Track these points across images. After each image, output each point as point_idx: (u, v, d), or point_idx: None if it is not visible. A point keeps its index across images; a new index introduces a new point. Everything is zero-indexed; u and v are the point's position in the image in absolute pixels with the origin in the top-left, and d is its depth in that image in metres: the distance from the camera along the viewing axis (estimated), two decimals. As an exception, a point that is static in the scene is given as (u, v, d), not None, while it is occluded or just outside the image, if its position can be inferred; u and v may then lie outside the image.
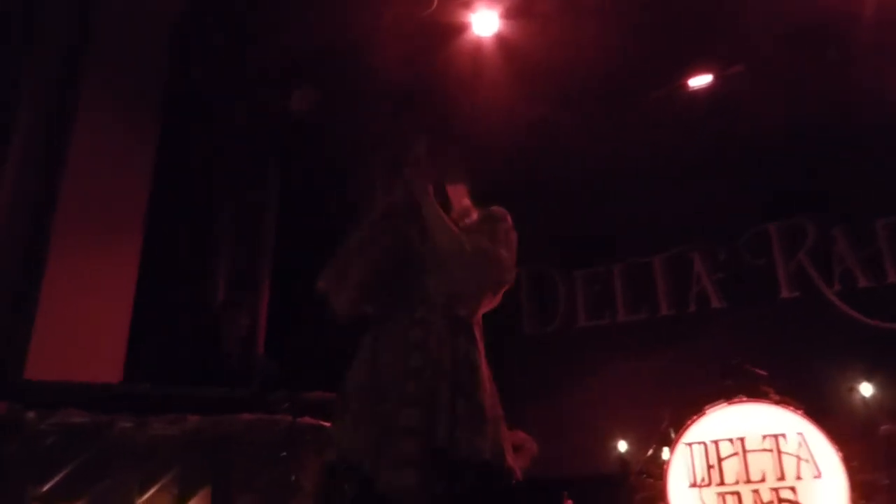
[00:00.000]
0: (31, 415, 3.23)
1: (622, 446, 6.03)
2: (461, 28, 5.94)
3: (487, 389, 2.06)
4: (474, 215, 2.32)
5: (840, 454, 4.16)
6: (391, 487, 1.89)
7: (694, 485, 4.40)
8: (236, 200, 6.14)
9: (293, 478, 3.23)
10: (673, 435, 4.69)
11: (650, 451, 5.12)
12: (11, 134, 4.83)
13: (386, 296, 2.19)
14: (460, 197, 2.35)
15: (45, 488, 3.25)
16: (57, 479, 3.27)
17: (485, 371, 2.10)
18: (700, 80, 6.22)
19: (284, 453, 3.25)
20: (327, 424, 3.50)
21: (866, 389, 5.33)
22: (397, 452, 1.92)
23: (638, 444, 5.76)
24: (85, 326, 4.78)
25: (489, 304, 2.20)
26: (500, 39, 5.97)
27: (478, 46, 6.00)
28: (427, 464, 1.92)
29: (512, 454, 2.04)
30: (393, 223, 2.27)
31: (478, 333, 2.18)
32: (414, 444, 1.93)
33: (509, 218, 2.32)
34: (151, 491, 3.28)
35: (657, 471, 4.78)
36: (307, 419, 3.49)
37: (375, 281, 2.19)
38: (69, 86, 5.05)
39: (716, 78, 6.17)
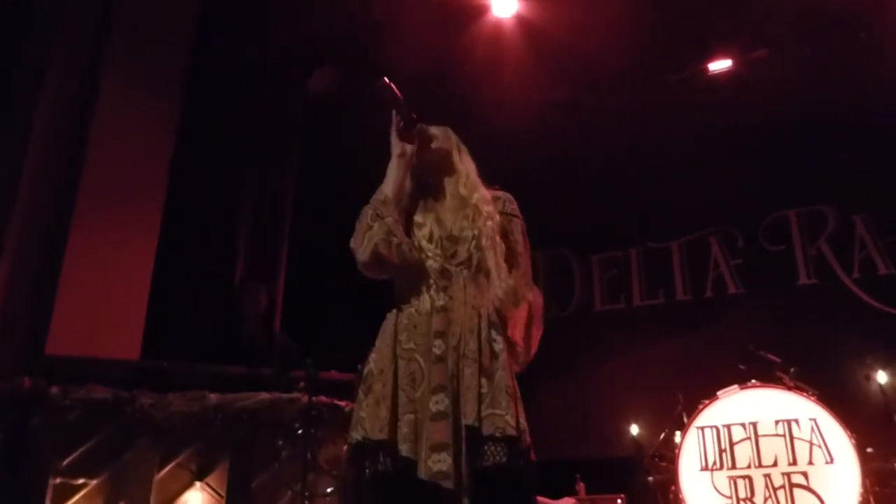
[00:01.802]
0: (54, 390, 3.32)
1: (635, 429, 6.05)
2: (481, 10, 5.94)
3: (510, 374, 2.11)
4: (485, 193, 2.32)
5: (853, 440, 4.16)
6: (430, 472, 1.95)
7: (705, 468, 4.42)
8: (256, 180, 6.18)
9: (309, 455, 3.29)
10: (686, 419, 4.70)
11: (663, 435, 5.14)
12: (34, 113, 4.89)
13: (408, 256, 2.18)
14: (470, 170, 2.37)
15: (68, 462, 3.34)
16: (79, 452, 3.36)
17: (505, 355, 2.13)
18: (721, 65, 6.17)
19: (301, 430, 3.31)
20: (343, 403, 3.57)
21: (883, 377, 5.30)
22: (431, 437, 1.98)
23: (652, 427, 5.78)
24: (105, 303, 4.84)
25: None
26: (520, 21, 5.96)
27: (497, 28, 5.99)
28: (460, 445, 1.98)
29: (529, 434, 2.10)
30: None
31: (498, 319, 2.19)
32: (446, 428, 1.99)
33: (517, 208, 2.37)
34: (170, 465, 3.37)
35: (670, 454, 4.79)
36: (323, 398, 3.55)
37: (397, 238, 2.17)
38: (92, 64, 5.10)
39: (737, 62, 6.12)
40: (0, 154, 4.78)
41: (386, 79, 2.21)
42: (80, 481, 3.34)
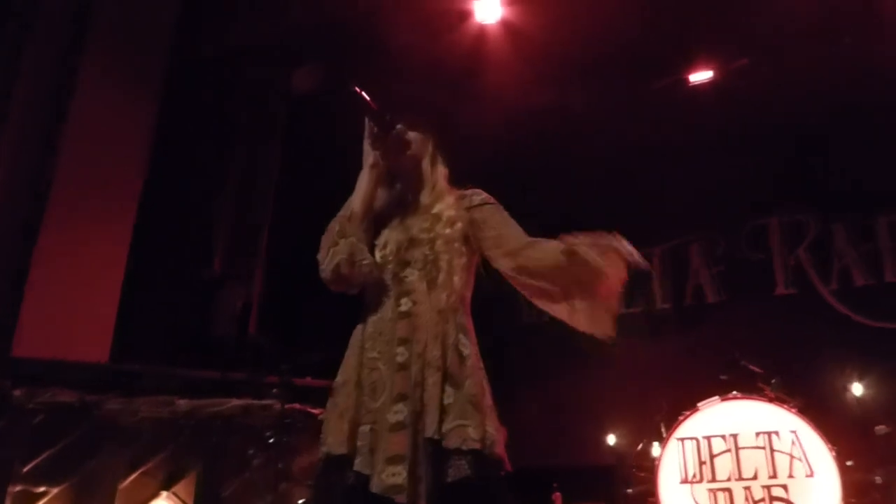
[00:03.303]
0: (18, 393, 3.20)
1: (614, 439, 6.00)
2: (464, 15, 5.89)
3: (477, 378, 2.05)
4: (450, 201, 2.27)
5: (833, 453, 4.13)
6: (383, 485, 1.87)
7: (685, 481, 4.37)
8: (235, 176, 6.08)
9: (282, 464, 3.20)
10: (664, 429, 4.66)
11: (641, 445, 5.10)
12: (8, 109, 4.77)
13: (371, 273, 2.14)
14: (439, 180, 2.32)
15: (30, 468, 3.22)
16: (42, 458, 3.24)
17: (474, 360, 2.07)
18: (703, 74, 6.16)
19: (273, 438, 3.22)
20: (317, 411, 3.48)
21: (861, 388, 5.30)
22: (388, 448, 1.91)
23: (631, 436, 5.73)
24: (74, 304, 4.74)
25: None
26: (504, 26, 5.91)
27: (481, 33, 5.94)
28: (418, 458, 1.91)
29: (503, 443, 2.02)
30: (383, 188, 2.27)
31: (468, 322, 2.16)
32: (403, 439, 1.92)
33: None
34: (136, 474, 3.26)
35: (648, 464, 4.75)
36: (297, 405, 3.46)
37: (360, 254, 2.14)
38: (68, 59, 4.99)
39: (718, 71, 6.11)
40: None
41: (357, 87, 2.14)
42: (42, 489, 3.23)
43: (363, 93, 2.15)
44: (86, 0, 4.98)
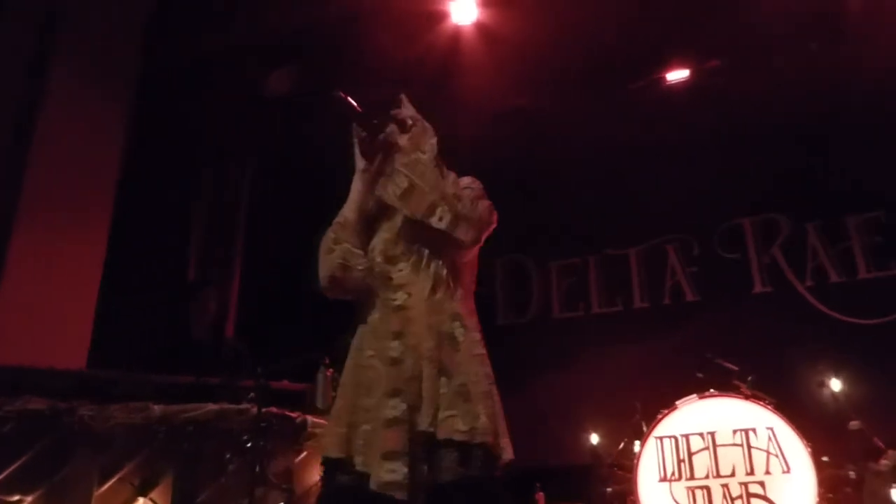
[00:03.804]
0: (-13, 401, 3.15)
1: (594, 438, 6.01)
2: (440, 17, 5.88)
3: (471, 366, 2.02)
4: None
5: (809, 449, 4.17)
6: (381, 482, 1.85)
7: (664, 479, 4.40)
8: (210, 180, 6.03)
9: (258, 468, 3.17)
10: (644, 428, 4.68)
11: (622, 444, 5.11)
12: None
13: (365, 278, 2.14)
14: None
15: (2, 477, 3.17)
16: (14, 467, 3.20)
17: (469, 346, 2.04)
18: (678, 74, 6.20)
19: (249, 443, 3.19)
20: (294, 415, 3.46)
21: (836, 384, 5.35)
22: (384, 445, 1.88)
23: (610, 436, 5.74)
24: (49, 309, 4.68)
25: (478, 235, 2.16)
26: (480, 28, 5.92)
27: (457, 35, 5.95)
28: (415, 453, 1.89)
29: (499, 432, 1.99)
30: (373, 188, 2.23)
31: (465, 308, 2.13)
32: (398, 435, 1.89)
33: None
34: (112, 481, 3.22)
35: (629, 463, 4.77)
36: (274, 409, 3.44)
37: (354, 259, 2.14)
38: (38, 62, 4.92)
39: (694, 72, 6.15)
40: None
41: (341, 92, 2.13)
42: (15, 498, 3.18)
43: (348, 97, 2.14)
44: (55, 5, 4.91)
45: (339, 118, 2.17)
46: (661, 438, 4.49)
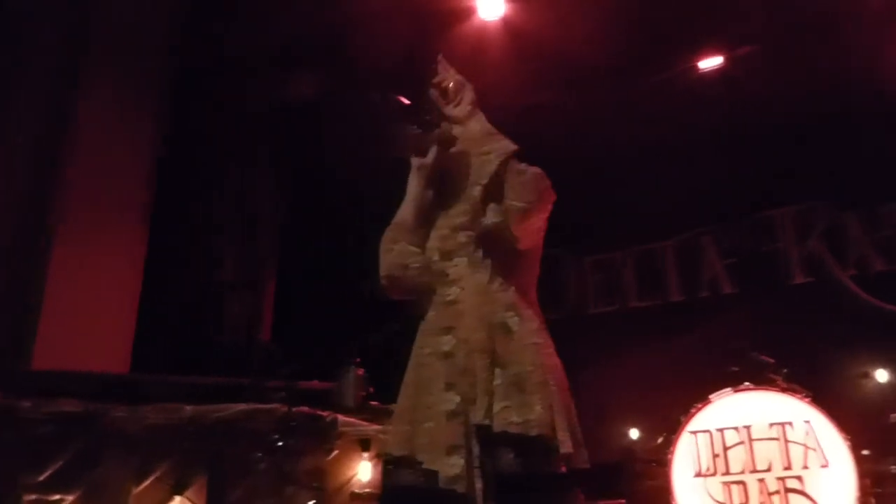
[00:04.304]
0: (25, 404, 3.25)
1: (632, 434, 5.96)
2: (467, 13, 5.87)
3: (526, 355, 1.99)
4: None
5: (848, 442, 4.07)
6: (446, 477, 1.85)
7: (699, 474, 4.32)
8: (243, 183, 6.11)
9: (287, 467, 3.21)
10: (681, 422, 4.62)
11: (660, 439, 5.05)
12: (15, 122, 4.84)
13: (422, 276, 2.15)
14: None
15: (43, 477, 3.27)
16: (54, 467, 3.29)
17: (525, 335, 2.02)
18: (710, 62, 6.10)
19: (279, 441, 3.24)
20: (324, 413, 3.50)
21: (881, 376, 5.22)
22: (446, 440, 1.88)
23: (648, 431, 5.69)
24: (92, 315, 4.79)
25: (537, 222, 2.19)
26: (506, 23, 5.90)
27: (483, 31, 5.93)
28: (471, 446, 1.88)
29: (567, 423, 1.95)
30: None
31: (521, 298, 2.11)
32: (457, 428, 1.89)
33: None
34: (147, 481, 3.29)
35: (664, 459, 4.71)
36: (304, 408, 3.48)
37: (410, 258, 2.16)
38: (72, 73, 5.05)
39: (726, 59, 6.05)
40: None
41: (390, 92, 2.13)
42: (56, 497, 3.27)
43: (400, 97, 2.14)
44: (85, 17, 5.03)
45: (375, 118, 2.18)
46: (695, 433, 4.42)
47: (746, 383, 4.43)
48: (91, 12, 5.09)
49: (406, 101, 2.15)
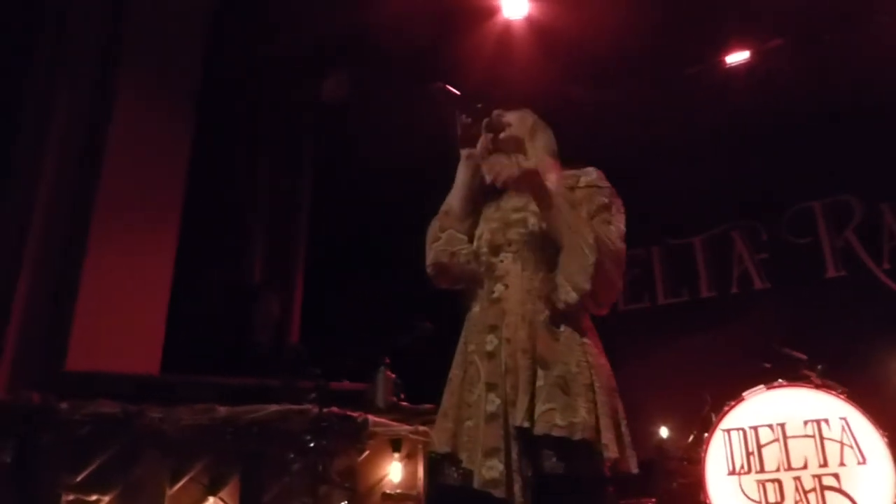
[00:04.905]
0: (64, 405, 3.30)
1: (663, 432, 5.91)
2: (491, 12, 5.87)
3: (572, 356, 1.95)
4: (553, 177, 2.16)
5: (885, 438, 4.01)
6: (483, 480, 1.82)
7: (733, 472, 4.29)
8: (272, 185, 6.15)
9: (321, 467, 3.23)
10: (714, 420, 4.58)
11: (691, 437, 5.01)
12: (50, 127, 4.91)
13: (470, 264, 2.13)
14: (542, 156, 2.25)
15: (81, 478, 3.32)
16: (92, 467, 3.34)
17: (570, 335, 1.99)
18: (738, 56, 6.03)
19: (312, 442, 3.26)
20: (356, 414, 3.52)
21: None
22: (485, 441, 1.86)
23: (679, 429, 5.65)
24: (125, 316, 4.85)
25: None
26: (531, 22, 5.88)
27: (508, 30, 5.92)
28: (511, 449, 1.85)
29: (612, 426, 1.89)
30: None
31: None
32: (497, 431, 1.86)
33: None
34: (183, 481, 3.34)
35: (697, 457, 4.67)
36: (335, 409, 3.50)
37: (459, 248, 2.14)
38: (106, 77, 5.12)
39: (754, 53, 5.97)
40: (15, 168, 4.81)
41: (440, 83, 2.12)
42: (94, 497, 3.33)
43: (448, 87, 2.11)
44: (118, 19, 5.10)
45: (430, 109, 2.16)
46: (728, 431, 4.39)
47: (780, 380, 4.38)
48: (125, 20, 5.15)
49: (455, 91, 2.12)
